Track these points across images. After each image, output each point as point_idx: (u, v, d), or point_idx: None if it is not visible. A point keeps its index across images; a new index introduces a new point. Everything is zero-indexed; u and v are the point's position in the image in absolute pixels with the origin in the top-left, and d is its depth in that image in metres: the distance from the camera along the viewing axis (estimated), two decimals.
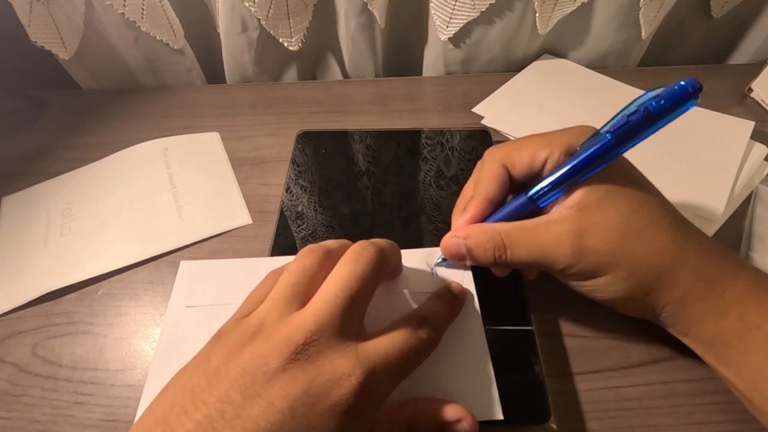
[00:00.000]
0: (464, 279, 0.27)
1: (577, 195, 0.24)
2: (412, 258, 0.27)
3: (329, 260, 0.22)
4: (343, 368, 0.19)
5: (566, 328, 0.29)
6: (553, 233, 0.24)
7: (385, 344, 0.20)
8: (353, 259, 0.22)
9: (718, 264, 0.24)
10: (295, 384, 0.18)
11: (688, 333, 0.25)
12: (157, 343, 0.26)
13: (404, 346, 0.21)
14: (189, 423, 0.17)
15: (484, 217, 0.26)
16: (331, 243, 0.24)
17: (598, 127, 0.24)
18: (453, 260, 0.27)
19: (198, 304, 0.27)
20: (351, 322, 0.20)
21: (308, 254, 0.22)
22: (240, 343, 0.19)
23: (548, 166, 0.25)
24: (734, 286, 0.23)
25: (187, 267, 0.28)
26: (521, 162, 0.26)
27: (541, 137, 0.26)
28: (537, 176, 0.26)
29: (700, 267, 0.23)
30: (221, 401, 0.18)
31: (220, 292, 0.27)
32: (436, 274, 0.27)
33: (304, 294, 0.21)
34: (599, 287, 0.24)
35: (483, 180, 0.27)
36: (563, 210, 0.24)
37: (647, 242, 0.23)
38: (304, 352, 0.19)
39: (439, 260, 0.27)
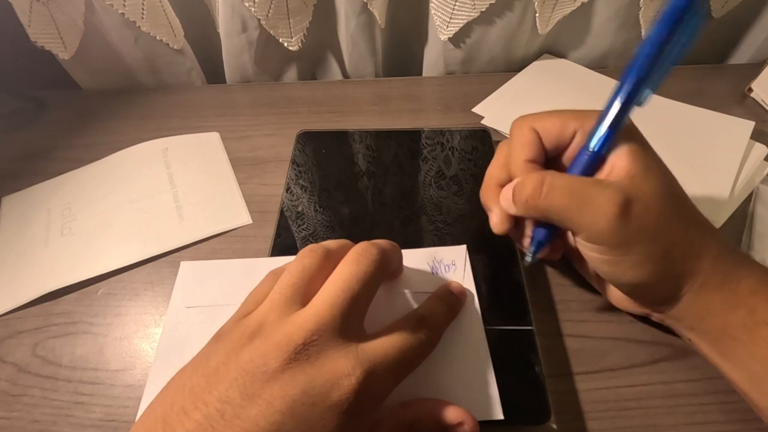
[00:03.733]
0: (464, 279, 0.27)
1: (624, 162, 0.23)
2: (413, 258, 0.27)
3: (329, 261, 0.22)
4: (342, 368, 0.19)
5: (566, 328, 0.29)
6: (601, 191, 0.23)
7: (384, 344, 0.20)
8: (355, 260, 0.22)
9: (733, 257, 0.24)
10: (295, 384, 0.18)
11: (695, 327, 0.24)
12: (158, 343, 0.26)
13: (404, 347, 0.21)
14: (189, 423, 0.17)
15: None
16: (331, 243, 0.23)
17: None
18: (505, 205, 0.26)
19: (198, 305, 0.27)
20: (351, 323, 0.20)
21: (308, 254, 0.22)
22: (239, 342, 0.19)
23: (578, 138, 0.25)
24: (747, 279, 0.23)
25: (187, 267, 0.28)
26: (552, 128, 0.25)
27: (571, 111, 0.26)
28: (564, 149, 0.26)
29: (718, 257, 0.23)
30: (221, 401, 0.18)
31: (220, 292, 0.27)
32: (437, 274, 0.27)
33: (304, 294, 0.21)
34: (632, 265, 0.23)
35: (517, 146, 0.26)
36: (613, 174, 0.23)
37: (682, 223, 0.23)
38: (303, 352, 0.19)
39: (529, 258, 0.26)
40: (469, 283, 0.27)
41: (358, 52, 0.48)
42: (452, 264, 0.28)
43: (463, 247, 0.28)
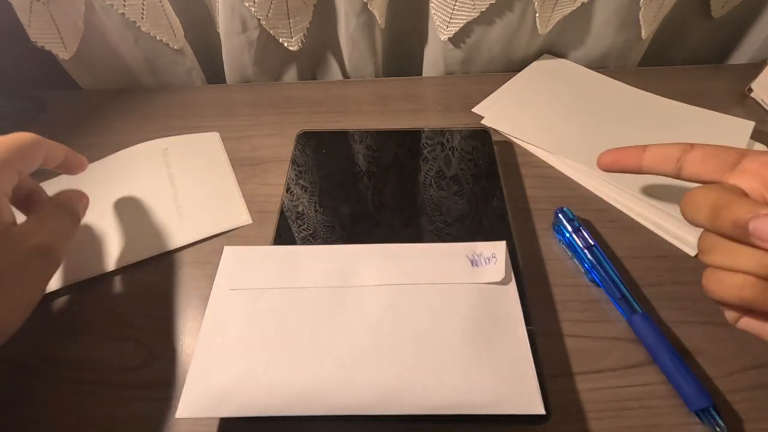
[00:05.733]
0: (506, 272, 0.27)
1: None
2: (451, 252, 0.28)
3: None
4: None
5: (566, 328, 0.29)
6: None
7: None
8: None
9: None
10: None
11: None
12: (203, 323, 0.26)
13: None
14: None
15: None
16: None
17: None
18: None
19: (242, 287, 0.28)
20: None
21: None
22: None
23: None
24: None
25: (230, 252, 0.29)
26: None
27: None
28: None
29: None
30: None
31: (263, 276, 0.28)
32: (477, 266, 0.28)
33: None
34: None
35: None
36: None
37: None
38: None
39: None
40: (510, 276, 0.27)
41: (358, 52, 0.48)
42: (492, 257, 0.28)
43: (503, 242, 0.29)
